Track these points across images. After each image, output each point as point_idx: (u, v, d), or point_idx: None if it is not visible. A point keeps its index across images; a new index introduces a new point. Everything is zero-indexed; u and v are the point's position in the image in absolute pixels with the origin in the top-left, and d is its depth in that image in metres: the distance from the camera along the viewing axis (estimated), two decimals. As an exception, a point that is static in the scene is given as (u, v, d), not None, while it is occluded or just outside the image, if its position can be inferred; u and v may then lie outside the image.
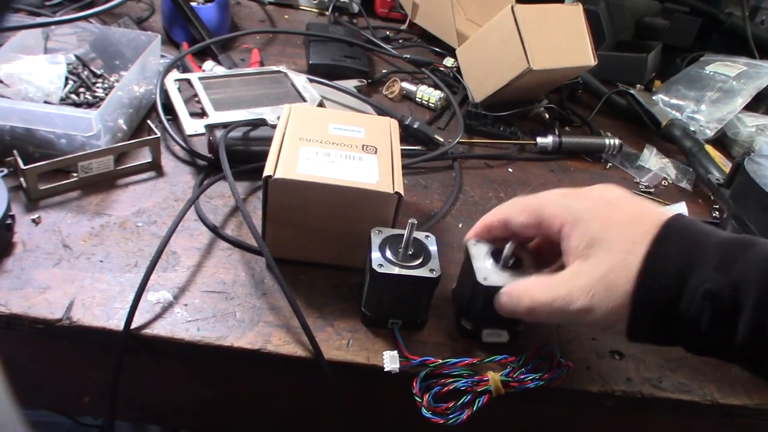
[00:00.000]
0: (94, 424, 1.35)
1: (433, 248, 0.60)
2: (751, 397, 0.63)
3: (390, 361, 0.57)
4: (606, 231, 0.47)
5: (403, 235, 0.58)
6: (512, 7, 0.91)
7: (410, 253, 0.58)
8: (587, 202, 0.50)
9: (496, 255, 0.58)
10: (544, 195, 0.54)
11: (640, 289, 0.45)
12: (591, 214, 0.49)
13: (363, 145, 0.67)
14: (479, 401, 0.56)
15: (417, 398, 0.56)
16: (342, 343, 0.59)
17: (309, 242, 0.65)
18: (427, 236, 0.61)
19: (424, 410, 0.55)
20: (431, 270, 0.57)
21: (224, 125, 0.78)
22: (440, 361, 0.57)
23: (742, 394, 0.63)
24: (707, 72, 1.15)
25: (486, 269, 0.58)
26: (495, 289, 0.56)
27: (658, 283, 0.44)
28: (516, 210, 0.55)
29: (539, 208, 0.53)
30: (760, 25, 1.44)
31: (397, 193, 0.61)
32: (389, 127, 0.72)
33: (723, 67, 1.15)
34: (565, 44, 0.95)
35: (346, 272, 0.67)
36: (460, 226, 0.78)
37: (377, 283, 0.58)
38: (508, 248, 0.57)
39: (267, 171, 0.61)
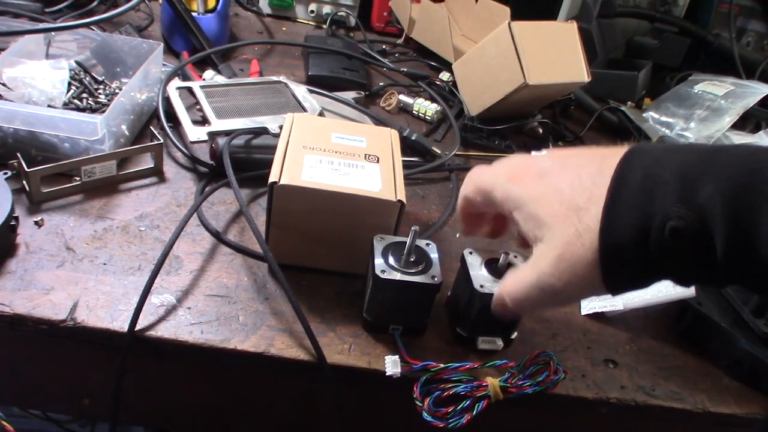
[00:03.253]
0: (81, 431, 1.34)
1: (434, 256, 0.61)
2: (741, 405, 0.64)
3: (392, 365, 0.58)
4: (547, 207, 0.45)
5: (405, 242, 0.59)
6: (509, 24, 0.93)
7: (412, 260, 0.59)
8: (526, 182, 0.48)
9: (490, 264, 0.61)
10: (493, 175, 0.52)
11: (604, 252, 0.42)
12: (531, 195, 0.47)
13: (365, 154, 0.68)
14: (478, 406, 0.57)
15: (418, 402, 0.57)
16: (344, 347, 0.60)
17: (311, 248, 0.66)
18: (428, 244, 0.62)
19: (425, 414, 0.56)
20: (433, 277, 0.59)
21: (226, 133, 0.79)
22: (441, 365, 0.58)
23: (732, 403, 0.64)
24: (696, 91, 1.18)
25: (482, 277, 0.60)
26: (490, 297, 0.57)
27: (621, 239, 0.41)
28: (471, 189, 0.53)
29: (488, 191, 0.51)
30: (746, 47, 1.47)
31: (399, 200, 0.63)
32: (390, 137, 0.74)
33: (711, 87, 1.18)
34: (560, 60, 0.97)
35: (347, 279, 0.68)
36: (458, 236, 0.79)
37: (380, 288, 0.59)
38: (502, 258, 0.60)
39: (272, 177, 0.62)
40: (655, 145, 0.43)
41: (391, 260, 0.59)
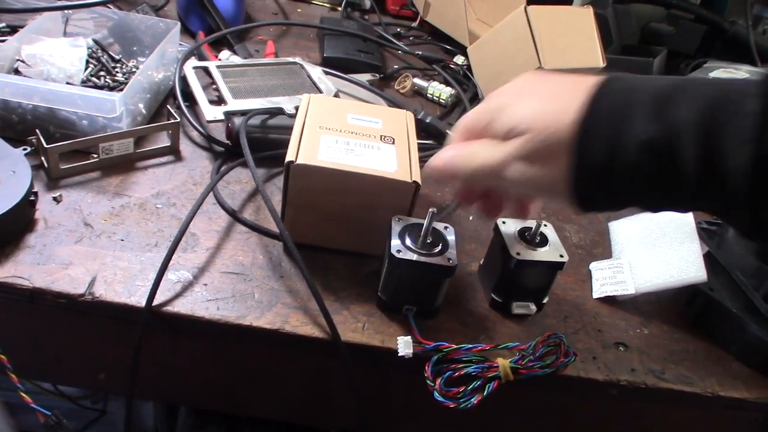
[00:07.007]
0: (94, 407, 1.35)
1: (451, 238, 0.61)
2: (750, 390, 0.65)
3: (404, 346, 0.59)
4: (526, 106, 0.46)
5: (423, 224, 0.60)
6: (525, 8, 0.93)
7: (429, 241, 0.60)
8: (503, 96, 0.49)
9: (523, 233, 0.64)
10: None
11: (576, 155, 0.43)
12: (508, 99, 0.48)
13: (381, 136, 0.69)
14: (489, 387, 0.58)
15: (429, 382, 0.57)
16: (358, 326, 0.61)
17: (326, 228, 0.67)
18: (446, 227, 0.63)
19: (436, 394, 0.57)
20: (449, 259, 0.59)
21: (242, 113, 0.79)
22: (454, 346, 0.59)
23: (741, 388, 0.65)
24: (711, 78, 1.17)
25: (516, 245, 0.63)
26: (526, 263, 0.62)
27: (593, 146, 0.42)
28: (455, 136, 0.53)
29: (472, 118, 0.51)
30: (762, 35, 1.46)
31: (414, 182, 0.63)
32: (405, 119, 0.74)
33: (726, 74, 1.17)
34: (576, 46, 0.97)
35: (361, 258, 0.68)
36: (470, 218, 0.80)
37: (395, 268, 0.59)
38: (534, 226, 0.64)
39: (289, 156, 0.62)
40: (630, 75, 0.45)
41: (408, 241, 0.60)
